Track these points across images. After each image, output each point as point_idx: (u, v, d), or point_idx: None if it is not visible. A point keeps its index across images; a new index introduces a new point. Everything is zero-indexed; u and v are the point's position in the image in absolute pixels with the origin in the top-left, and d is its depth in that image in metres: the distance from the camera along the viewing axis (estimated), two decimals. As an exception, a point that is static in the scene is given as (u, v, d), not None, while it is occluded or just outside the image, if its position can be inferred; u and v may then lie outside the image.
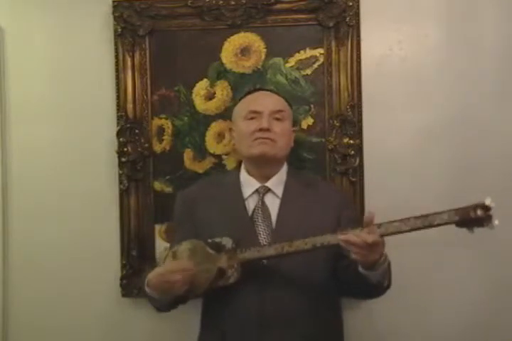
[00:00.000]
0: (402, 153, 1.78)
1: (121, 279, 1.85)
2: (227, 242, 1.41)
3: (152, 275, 1.39)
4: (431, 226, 1.24)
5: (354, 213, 1.60)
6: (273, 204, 1.51)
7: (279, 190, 1.53)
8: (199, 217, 1.53)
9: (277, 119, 1.51)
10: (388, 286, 1.45)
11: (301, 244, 1.33)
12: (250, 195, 1.53)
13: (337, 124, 1.77)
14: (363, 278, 1.34)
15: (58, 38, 1.91)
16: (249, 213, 1.50)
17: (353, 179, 1.76)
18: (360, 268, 1.33)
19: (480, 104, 1.76)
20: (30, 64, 1.92)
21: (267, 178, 1.54)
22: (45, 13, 1.91)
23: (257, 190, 1.53)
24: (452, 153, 1.77)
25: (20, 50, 1.92)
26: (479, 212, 1.22)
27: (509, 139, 1.75)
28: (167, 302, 1.43)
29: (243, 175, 1.57)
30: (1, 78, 1.92)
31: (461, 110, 1.76)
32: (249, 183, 1.54)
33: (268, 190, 1.53)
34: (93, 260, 1.88)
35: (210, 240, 1.43)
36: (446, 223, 1.23)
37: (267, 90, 1.66)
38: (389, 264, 1.39)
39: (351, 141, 1.76)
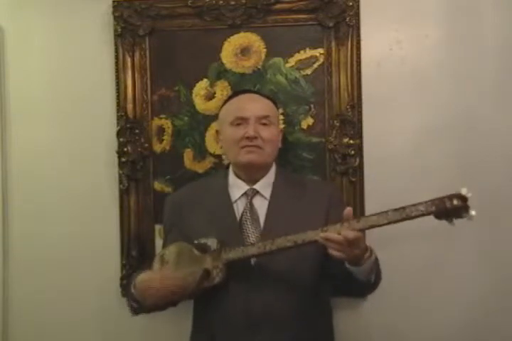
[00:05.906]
0: (402, 153, 1.78)
1: (121, 279, 1.86)
2: (213, 243, 1.41)
3: (138, 280, 1.39)
4: (409, 218, 1.23)
5: (343, 210, 1.58)
6: (261, 206, 1.50)
7: (267, 192, 1.52)
8: (187, 221, 1.53)
9: (264, 124, 1.49)
10: (376, 283, 1.44)
11: (283, 241, 1.32)
12: (239, 198, 1.52)
13: (337, 124, 1.77)
14: (349, 274, 1.35)
15: (58, 38, 1.91)
16: (238, 216, 1.49)
17: (353, 179, 1.76)
18: (347, 264, 1.33)
19: (480, 104, 1.76)
20: (30, 64, 1.92)
21: (256, 181, 1.53)
22: (45, 13, 1.91)
23: (245, 193, 1.52)
24: (452, 153, 1.76)
25: (20, 50, 1.92)
26: (455, 202, 1.21)
27: (509, 139, 1.75)
28: (160, 305, 1.40)
29: (231, 178, 1.56)
30: (1, 78, 1.92)
31: (461, 110, 1.76)
32: (237, 186, 1.53)
33: (256, 192, 1.52)
34: (93, 260, 1.89)
35: (196, 241, 1.43)
36: (424, 214, 1.22)
37: (254, 92, 1.63)
38: (376, 260, 1.39)
39: (351, 141, 1.76)
